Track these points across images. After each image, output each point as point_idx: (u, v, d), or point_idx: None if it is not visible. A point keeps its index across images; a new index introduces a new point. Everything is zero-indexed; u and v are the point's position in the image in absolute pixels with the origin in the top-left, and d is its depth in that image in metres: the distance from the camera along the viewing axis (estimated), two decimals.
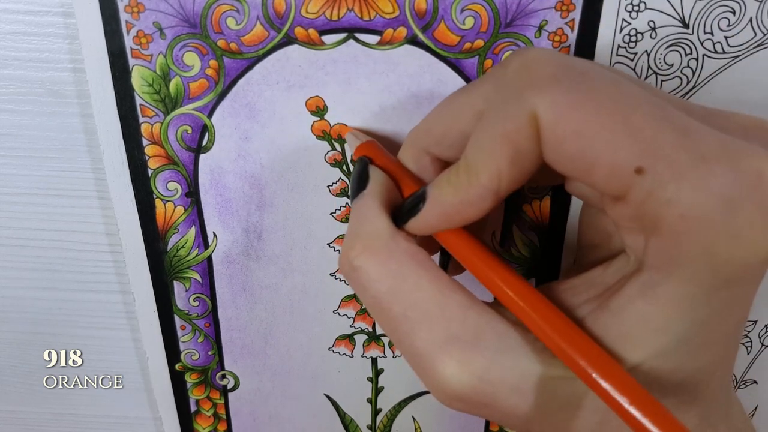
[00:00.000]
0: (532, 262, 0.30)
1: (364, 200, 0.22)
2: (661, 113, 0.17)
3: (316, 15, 0.24)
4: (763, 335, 0.33)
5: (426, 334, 0.19)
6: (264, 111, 0.26)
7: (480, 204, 0.19)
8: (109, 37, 0.24)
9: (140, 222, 0.28)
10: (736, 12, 0.24)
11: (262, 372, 0.33)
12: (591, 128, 0.17)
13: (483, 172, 0.19)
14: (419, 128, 0.23)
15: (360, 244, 0.21)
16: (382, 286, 0.20)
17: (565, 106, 0.17)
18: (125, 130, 0.26)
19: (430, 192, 0.21)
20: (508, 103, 0.18)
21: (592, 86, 0.17)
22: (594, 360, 0.17)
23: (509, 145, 0.18)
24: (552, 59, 0.18)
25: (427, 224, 0.21)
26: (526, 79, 0.18)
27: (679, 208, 0.16)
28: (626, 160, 0.16)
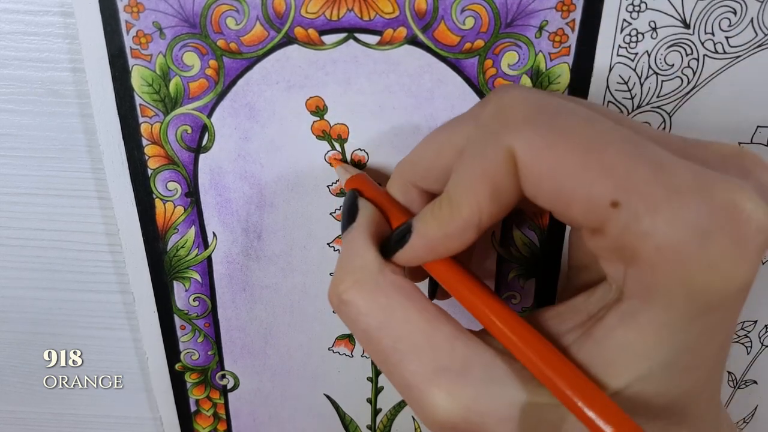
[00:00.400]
0: (532, 262, 0.30)
1: (353, 233, 0.23)
2: (634, 148, 0.17)
3: (315, 15, 0.24)
4: (763, 335, 0.33)
5: (415, 365, 0.20)
6: (264, 111, 0.26)
7: (462, 236, 0.20)
8: (109, 37, 0.24)
9: (140, 222, 0.28)
10: (737, 12, 0.24)
11: (262, 372, 0.33)
12: (565, 166, 0.17)
13: (464, 207, 0.20)
14: (405, 162, 0.24)
15: (349, 278, 0.21)
16: (372, 320, 0.21)
17: (540, 146, 0.18)
18: (125, 130, 0.26)
19: (415, 225, 0.21)
20: (486, 143, 0.19)
21: (565, 125, 0.18)
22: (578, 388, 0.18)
23: (488, 182, 0.19)
24: (526, 100, 0.19)
25: (414, 256, 0.22)
26: (502, 120, 0.19)
27: (654, 240, 0.16)
28: (601, 195, 0.17)
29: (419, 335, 0.20)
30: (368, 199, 0.25)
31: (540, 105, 0.19)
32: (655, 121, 0.26)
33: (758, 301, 0.32)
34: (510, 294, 0.31)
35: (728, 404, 0.36)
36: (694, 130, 0.27)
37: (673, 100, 0.26)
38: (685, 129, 0.27)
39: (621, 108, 0.26)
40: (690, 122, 0.26)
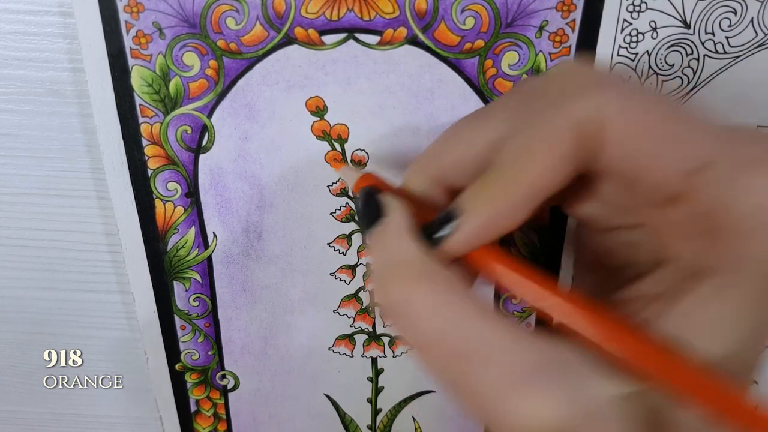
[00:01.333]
0: (532, 262, 0.30)
1: (387, 230, 0.20)
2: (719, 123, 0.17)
3: (316, 15, 0.24)
4: None
5: (495, 370, 0.17)
6: (264, 111, 0.26)
7: (518, 211, 0.18)
8: (109, 37, 0.24)
9: (140, 222, 0.28)
10: (737, 12, 0.24)
11: (262, 372, 0.33)
12: (661, 124, 0.16)
13: (522, 175, 0.18)
14: (427, 156, 0.22)
15: (398, 277, 0.19)
16: (432, 321, 0.18)
17: (636, 103, 0.17)
18: (125, 131, 0.26)
19: (463, 205, 0.19)
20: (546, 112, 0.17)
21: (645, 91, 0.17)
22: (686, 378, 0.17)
23: (551, 147, 0.17)
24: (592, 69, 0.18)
25: (467, 241, 0.19)
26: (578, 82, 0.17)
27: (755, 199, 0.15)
28: (694, 155, 0.16)
29: (492, 336, 0.18)
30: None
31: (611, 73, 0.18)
32: None
33: None
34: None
35: None
36: None
37: None
38: None
39: None
40: None
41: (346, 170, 0.25)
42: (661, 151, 0.16)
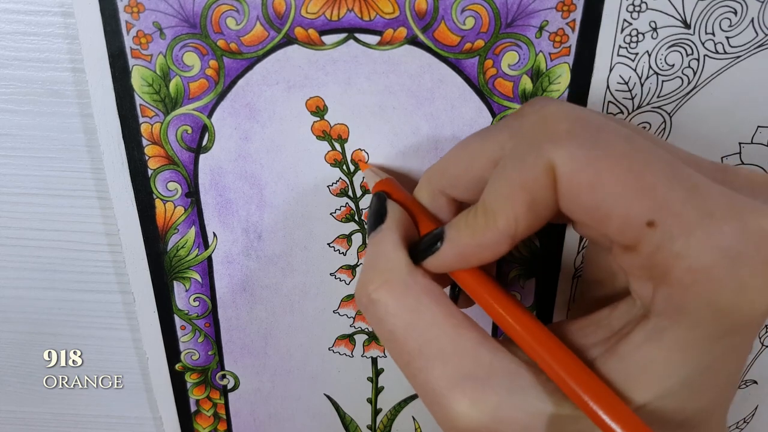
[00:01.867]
0: (532, 262, 0.30)
1: (382, 234, 0.23)
2: (672, 171, 0.18)
3: (316, 15, 0.24)
4: (763, 335, 0.33)
5: (440, 370, 0.20)
6: (264, 111, 0.26)
7: (496, 247, 0.20)
8: (109, 37, 0.24)
9: (140, 222, 0.28)
10: (737, 12, 0.24)
11: (262, 372, 0.33)
12: (606, 182, 0.17)
13: (501, 217, 0.19)
14: (435, 169, 0.24)
15: (379, 277, 0.21)
16: (399, 321, 0.21)
17: (582, 160, 0.18)
18: (125, 131, 0.26)
19: (448, 233, 0.21)
20: (526, 154, 0.19)
21: (608, 142, 0.18)
22: (603, 401, 0.18)
23: (526, 193, 0.19)
24: (569, 114, 0.19)
25: (444, 264, 0.22)
26: (543, 132, 0.19)
27: (687, 261, 0.17)
28: (639, 214, 0.17)
29: (446, 340, 0.20)
30: (396, 202, 0.24)
31: (583, 120, 0.19)
32: (656, 121, 0.26)
33: None
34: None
35: None
36: (694, 131, 0.27)
37: (673, 101, 0.26)
38: (685, 129, 0.27)
39: (621, 108, 0.26)
40: (690, 122, 0.26)
41: (370, 173, 0.27)
42: (609, 209, 0.18)
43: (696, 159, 0.20)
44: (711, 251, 0.17)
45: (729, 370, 0.19)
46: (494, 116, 0.26)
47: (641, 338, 0.19)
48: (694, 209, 0.17)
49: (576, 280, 0.31)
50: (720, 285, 0.17)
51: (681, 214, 0.17)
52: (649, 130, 0.27)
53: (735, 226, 0.17)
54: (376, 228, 0.23)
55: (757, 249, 0.17)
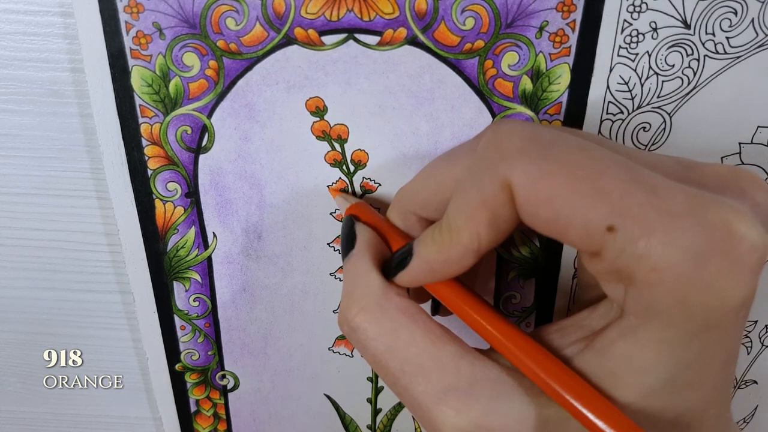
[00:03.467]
0: (532, 262, 0.30)
1: (354, 259, 0.24)
2: (628, 174, 0.18)
3: (315, 15, 0.24)
4: (763, 335, 0.33)
5: (423, 386, 0.21)
6: (264, 111, 0.26)
7: (461, 261, 0.21)
8: (109, 37, 0.24)
9: (140, 222, 0.28)
10: (738, 13, 0.24)
11: (262, 372, 0.33)
12: (561, 194, 0.18)
13: (464, 234, 0.20)
14: (405, 191, 0.25)
15: (355, 305, 0.22)
16: (380, 345, 0.21)
17: (535, 174, 0.18)
18: (125, 131, 0.26)
19: (416, 249, 0.22)
20: (483, 172, 0.19)
21: (559, 154, 0.18)
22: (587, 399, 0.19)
23: (486, 210, 0.19)
24: (520, 132, 0.19)
25: (415, 278, 0.22)
26: (497, 151, 0.19)
27: (650, 261, 0.17)
28: (597, 221, 0.17)
29: (425, 356, 0.21)
30: (367, 224, 0.25)
31: (534, 136, 0.19)
32: (656, 121, 0.26)
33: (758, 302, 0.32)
34: (510, 294, 0.31)
35: None
36: (694, 131, 0.27)
37: (673, 101, 0.26)
38: (685, 129, 0.26)
39: (621, 108, 0.26)
40: (690, 123, 0.26)
41: (341, 199, 0.27)
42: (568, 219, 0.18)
43: (659, 159, 0.20)
44: (673, 249, 0.17)
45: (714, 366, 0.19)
46: (494, 116, 0.26)
47: (615, 334, 0.19)
48: (653, 210, 0.17)
49: (576, 280, 0.31)
50: (686, 282, 0.17)
51: (640, 216, 0.17)
52: (649, 130, 0.27)
53: (696, 222, 0.17)
54: (348, 253, 0.24)
55: (719, 244, 0.17)
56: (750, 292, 0.17)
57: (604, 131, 0.26)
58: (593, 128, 0.26)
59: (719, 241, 0.17)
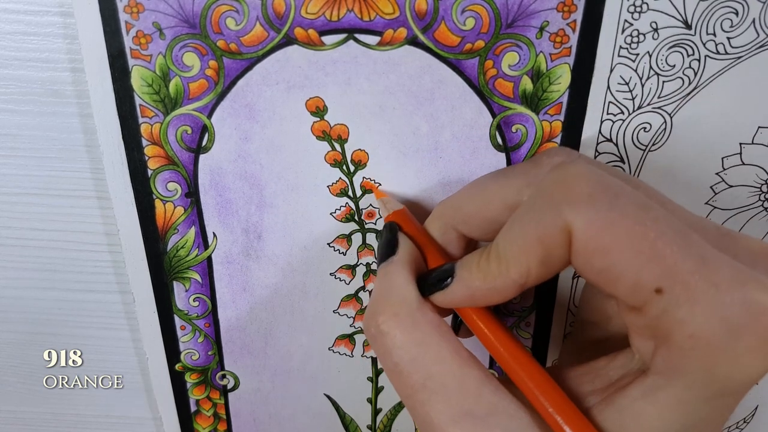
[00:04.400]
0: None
1: (393, 266, 0.23)
2: (683, 240, 0.18)
3: (315, 15, 0.24)
4: None
5: (442, 405, 0.21)
6: (264, 111, 0.26)
7: (505, 293, 0.21)
8: (109, 37, 0.24)
9: (140, 222, 0.28)
10: (739, 13, 0.24)
11: (262, 372, 0.33)
12: (619, 249, 0.18)
13: (513, 267, 0.20)
14: (448, 204, 0.25)
15: (389, 309, 0.22)
16: (406, 354, 0.21)
17: (598, 226, 0.19)
18: (125, 131, 0.26)
19: (458, 272, 0.22)
20: (545, 210, 0.19)
21: (624, 209, 0.19)
22: None
23: (541, 248, 0.20)
24: (590, 177, 0.19)
25: (453, 301, 0.22)
26: (564, 193, 0.19)
27: (689, 328, 0.18)
28: (648, 281, 0.18)
29: (450, 376, 0.21)
30: (407, 234, 0.25)
31: (602, 184, 0.19)
32: (656, 121, 0.26)
33: None
34: None
35: None
36: (695, 131, 0.27)
37: (674, 101, 0.26)
38: (686, 130, 0.26)
39: (622, 108, 0.26)
40: (691, 123, 0.26)
41: (384, 201, 0.27)
42: (620, 273, 0.19)
43: (701, 223, 0.21)
44: (713, 321, 0.17)
45: (713, 427, 0.20)
46: (494, 116, 0.26)
47: (638, 393, 0.20)
48: (701, 279, 0.18)
49: (576, 280, 0.31)
50: (717, 353, 0.18)
51: (688, 284, 0.18)
52: (650, 130, 0.27)
53: (737, 298, 0.17)
54: (387, 259, 0.24)
55: (754, 322, 0.17)
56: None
57: (604, 132, 0.26)
58: (593, 128, 0.26)
59: (755, 319, 0.17)
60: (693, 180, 0.28)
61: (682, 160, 0.27)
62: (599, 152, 0.27)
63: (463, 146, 0.27)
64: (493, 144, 0.27)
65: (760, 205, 0.29)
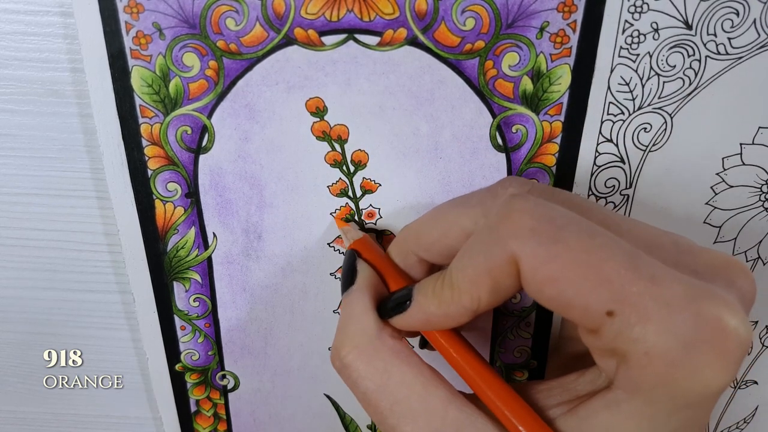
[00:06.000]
0: None
1: (353, 295, 0.24)
2: (630, 262, 0.19)
3: (315, 16, 0.24)
4: (763, 336, 0.33)
5: (410, 427, 0.21)
6: (264, 112, 0.26)
7: (459, 318, 0.22)
8: (109, 37, 0.24)
9: (140, 223, 0.28)
10: (739, 13, 0.24)
11: (262, 372, 0.33)
12: (566, 277, 0.19)
13: (465, 295, 0.21)
14: (410, 231, 0.26)
15: (349, 342, 0.23)
16: (371, 383, 0.22)
17: (543, 257, 0.19)
18: (125, 131, 0.26)
19: (415, 296, 0.23)
20: (493, 244, 0.20)
21: (568, 238, 0.19)
22: None
23: (490, 279, 0.20)
24: (534, 211, 0.20)
25: (411, 325, 0.23)
26: (508, 227, 0.20)
27: (643, 347, 0.18)
28: (598, 305, 0.19)
29: (415, 399, 0.22)
30: (367, 261, 0.26)
31: (546, 216, 0.20)
32: (656, 122, 0.26)
33: (758, 302, 0.32)
34: None
35: (728, 404, 0.36)
36: (695, 131, 0.27)
37: (674, 101, 0.26)
38: (686, 130, 0.26)
39: (622, 109, 0.26)
40: (691, 123, 0.26)
41: (345, 231, 0.28)
42: (570, 300, 0.19)
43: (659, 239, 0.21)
44: (666, 338, 0.18)
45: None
46: (494, 117, 0.26)
47: (601, 405, 0.20)
48: (651, 299, 0.18)
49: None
50: (675, 368, 0.18)
51: (638, 304, 0.18)
52: (650, 131, 0.27)
53: (690, 315, 0.18)
54: (348, 289, 0.25)
55: (710, 337, 0.18)
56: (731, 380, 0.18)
57: (604, 132, 0.26)
58: (594, 128, 0.26)
59: (709, 333, 0.18)
60: (693, 180, 0.28)
61: (683, 161, 0.27)
62: (599, 152, 0.27)
63: (463, 146, 0.27)
64: (493, 144, 0.27)
65: (761, 205, 0.29)
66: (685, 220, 0.29)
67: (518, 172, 0.27)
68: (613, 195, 0.28)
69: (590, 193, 0.28)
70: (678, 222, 0.29)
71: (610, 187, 0.28)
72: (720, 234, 0.30)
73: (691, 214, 0.29)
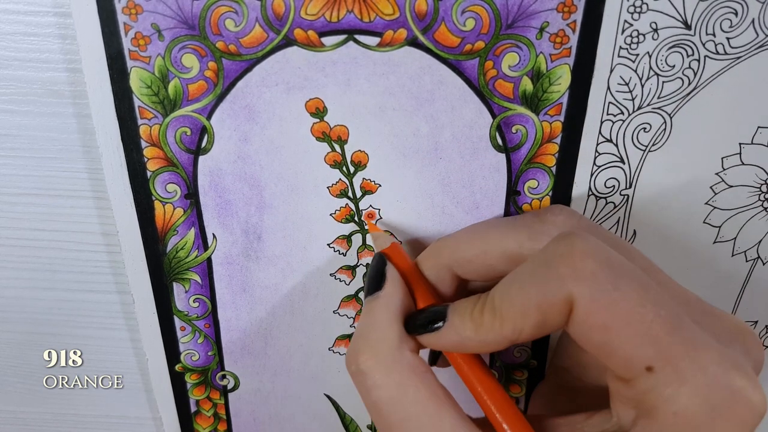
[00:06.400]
0: None
1: (378, 303, 0.24)
2: (676, 323, 0.19)
3: (315, 16, 0.24)
4: (763, 336, 0.33)
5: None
6: (263, 113, 0.26)
7: (495, 346, 0.22)
8: (107, 38, 0.24)
9: (139, 224, 0.28)
10: (738, 13, 0.24)
11: (262, 372, 0.33)
12: (618, 327, 0.19)
13: (508, 324, 0.21)
14: (445, 245, 0.26)
15: (369, 349, 0.23)
16: (384, 394, 0.22)
17: (601, 304, 0.19)
18: (124, 132, 0.26)
19: (451, 318, 0.23)
20: (549, 279, 0.20)
21: (626, 288, 0.20)
22: None
23: (539, 313, 0.20)
24: (597, 256, 0.20)
25: (442, 346, 0.23)
26: (569, 266, 0.20)
27: (674, 407, 0.19)
28: (641, 359, 0.19)
29: (426, 418, 0.22)
30: (397, 268, 0.25)
31: (608, 262, 0.20)
32: (656, 122, 0.26)
33: (758, 302, 0.32)
34: None
35: None
36: (695, 131, 0.27)
37: (674, 101, 0.26)
38: (685, 130, 0.26)
39: (622, 109, 0.26)
40: (691, 123, 0.26)
41: (377, 236, 0.28)
42: (615, 348, 0.20)
43: (686, 296, 0.22)
44: (697, 401, 0.19)
45: None
46: (494, 117, 0.26)
47: None
48: (690, 362, 0.19)
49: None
50: (696, 430, 0.19)
51: (678, 366, 0.19)
52: (650, 130, 0.27)
53: (722, 382, 0.19)
54: (373, 293, 0.24)
55: (734, 405, 0.19)
56: None
57: (604, 132, 0.26)
58: (593, 128, 0.26)
59: (734, 402, 0.19)
60: (693, 180, 0.28)
61: (682, 160, 0.27)
62: (599, 152, 0.27)
63: (463, 147, 0.27)
64: (493, 145, 0.27)
65: (760, 205, 0.29)
66: (685, 220, 0.29)
67: (518, 173, 0.27)
68: (612, 195, 0.28)
69: (590, 193, 0.28)
70: (678, 222, 0.29)
71: (609, 187, 0.28)
72: (719, 234, 0.30)
73: (690, 214, 0.29)
